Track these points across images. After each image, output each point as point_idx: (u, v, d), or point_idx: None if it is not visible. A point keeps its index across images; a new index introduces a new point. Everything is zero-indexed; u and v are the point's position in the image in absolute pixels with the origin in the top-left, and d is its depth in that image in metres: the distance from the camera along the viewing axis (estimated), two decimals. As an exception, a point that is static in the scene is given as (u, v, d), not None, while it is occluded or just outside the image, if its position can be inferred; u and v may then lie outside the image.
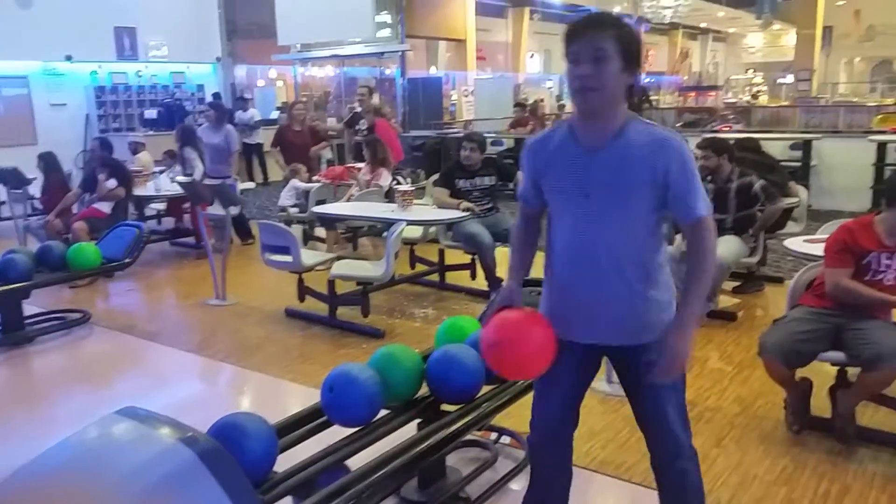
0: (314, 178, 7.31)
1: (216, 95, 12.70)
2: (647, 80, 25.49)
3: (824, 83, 26.45)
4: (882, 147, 8.17)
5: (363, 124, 8.06)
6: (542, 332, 1.93)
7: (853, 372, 3.02)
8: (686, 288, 1.88)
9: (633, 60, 1.83)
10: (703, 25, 31.19)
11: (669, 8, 20.33)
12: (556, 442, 2.13)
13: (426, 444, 2.25)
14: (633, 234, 1.88)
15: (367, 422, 2.32)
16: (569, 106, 25.31)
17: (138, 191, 7.10)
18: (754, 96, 25.72)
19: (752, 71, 33.09)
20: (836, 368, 3.09)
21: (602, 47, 1.78)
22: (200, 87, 14.03)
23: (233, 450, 1.91)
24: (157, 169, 8.18)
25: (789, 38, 24.97)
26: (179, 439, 1.84)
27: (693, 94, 25.94)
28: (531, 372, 2.00)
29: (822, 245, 3.11)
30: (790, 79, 22.71)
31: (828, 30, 26.03)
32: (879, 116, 12.17)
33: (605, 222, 1.87)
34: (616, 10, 26.58)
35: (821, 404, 3.14)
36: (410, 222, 5.07)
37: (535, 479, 2.19)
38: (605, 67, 1.79)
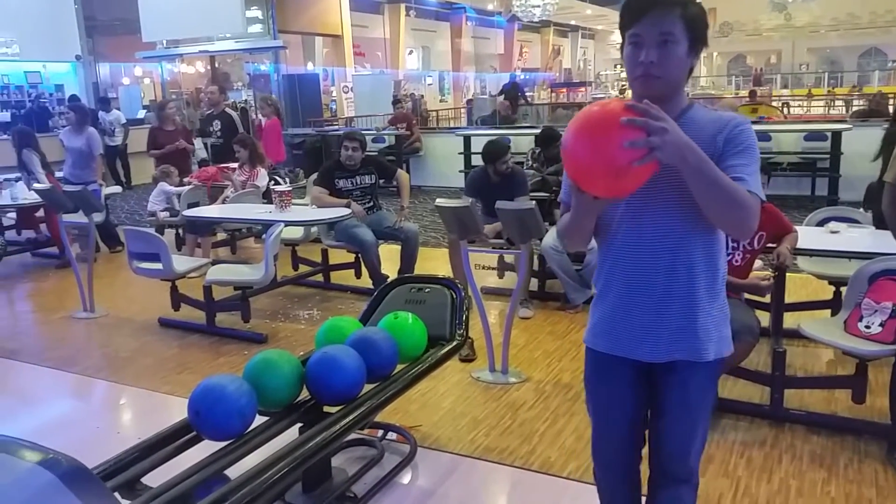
0: (185, 179, 7.03)
1: (73, 97, 11.95)
2: (523, 76, 26.18)
3: (685, 77, 28.09)
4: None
5: (217, 125, 7.82)
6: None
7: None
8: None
9: (700, 41, 1.61)
10: (572, 23, 32.41)
11: (538, 6, 20.94)
12: (628, 468, 1.90)
13: (307, 447, 2.23)
14: (694, 223, 1.61)
15: (241, 433, 2.26)
16: (450, 101, 25.65)
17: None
18: (621, 91, 26.97)
19: (619, 66, 34.66)
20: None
21: (669, 31, 1.55)
22: (60, 88, 13.21)
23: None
24: (13, 176, 7.59)
25: (653, 34, 26.31)
26: (39, 462, 1.73)
27: (564, 90, 26.83)
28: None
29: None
30: (655, 73, 23.93)
31: (687, 26, 27.66)
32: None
33: (661, 209, 1.62)
34: (489, 7, 27.16)
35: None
36: (288, 223, 4.98)
37: None
38: (671, 53, 1.56)
